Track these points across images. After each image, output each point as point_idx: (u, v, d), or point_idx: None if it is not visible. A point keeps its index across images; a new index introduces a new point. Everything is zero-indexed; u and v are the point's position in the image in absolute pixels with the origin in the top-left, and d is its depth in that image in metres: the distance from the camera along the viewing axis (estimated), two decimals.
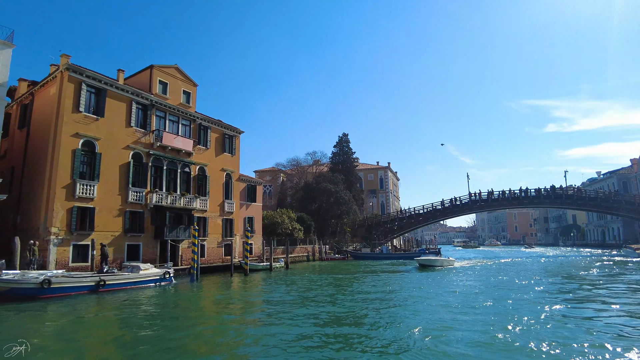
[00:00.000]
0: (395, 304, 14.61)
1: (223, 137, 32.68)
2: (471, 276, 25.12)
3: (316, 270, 31.65)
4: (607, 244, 76.03)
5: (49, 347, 9.05)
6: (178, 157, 28.25)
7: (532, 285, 19.78)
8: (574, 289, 18.25)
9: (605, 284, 19.87)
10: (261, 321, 12.28)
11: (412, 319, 11.66)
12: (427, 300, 15.07)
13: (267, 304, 15.96)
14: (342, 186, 54.84)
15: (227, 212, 31.94)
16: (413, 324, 10.93)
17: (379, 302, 15.10)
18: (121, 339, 9.98)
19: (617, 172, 76.92)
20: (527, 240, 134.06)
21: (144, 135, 26.25)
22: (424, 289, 18.65)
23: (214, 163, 31.39)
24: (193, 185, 29.36)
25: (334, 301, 15.37)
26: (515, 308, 13.02)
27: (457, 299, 15.20)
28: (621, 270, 27.15)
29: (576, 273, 26.15)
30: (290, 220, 38.92)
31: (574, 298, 15.42)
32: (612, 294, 16.27)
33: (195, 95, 30.65)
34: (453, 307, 13.42)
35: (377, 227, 59.71)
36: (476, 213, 60.26)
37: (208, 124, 31.29)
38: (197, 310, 14.29)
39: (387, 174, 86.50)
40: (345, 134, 61.93)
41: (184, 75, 29.82)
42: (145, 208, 25.64)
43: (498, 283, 21.12)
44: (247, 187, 34.82)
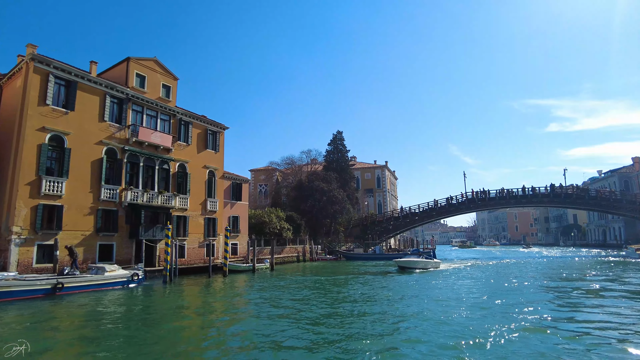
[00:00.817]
0: (347, 322, 12.73)
1: (206, 133, 31.53)
2: (454, 280, 23.54)
3: (302, 272, 30.49)
4: (608, 244, 74.63)
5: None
6: (156, 153, 27.13)
7: (517, 290, 18.17)
8: (563, 296, 16.52)
9: (600, 289, 18.58)
10: (218, 330, 11.13)
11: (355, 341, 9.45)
12: (386, 315, 12.53)
13: (232, 309, 14.83)
14: (335, 185, 53.62)
15: (210, 211, 30.79)
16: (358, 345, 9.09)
17: (333, 318, 13.84)
18: (44, 351, 8.83)
19: (619, 170, 75.44)
20: (527, 240, 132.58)
21: (118, 130, 25.13)
22: (393, 298, 16.23)
23: (195, 160, 30.26)
24: (172, 183, 28.24)
25: (295, 314, 14.20)
26: (485, 324, 10.84)
27: (421, 312, 12.85)
28: (619, 273, 25.85)
29: (570, 275, 24.88)
30: (278, 219, 37.75)
31: (560, 307, 14.09)
32: (605, 302, 14.86)
33: (176, 90, 29.52)
34: (409, 328, 10.70)
35: (372, 226, 58.53)
36: (472, 212, 58.88)
37: (189, 119, 30.15)
38: (152, 318, 13.14)
39: (384, 173, 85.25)
40: (340, 132, 60.66)
41: (163, 69, 28.69)
42: (120, 206, 24.52)
43: (481, 287, 19.59)
44: (232, 185, 33.68)
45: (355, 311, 13.30)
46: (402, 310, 13.40)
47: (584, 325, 10.55)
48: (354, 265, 35.86)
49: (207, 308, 15.09)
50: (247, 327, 11.30)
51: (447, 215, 59.61)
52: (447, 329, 10.22)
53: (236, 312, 14.25)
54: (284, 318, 12.33)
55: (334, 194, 51.25)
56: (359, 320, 11.85)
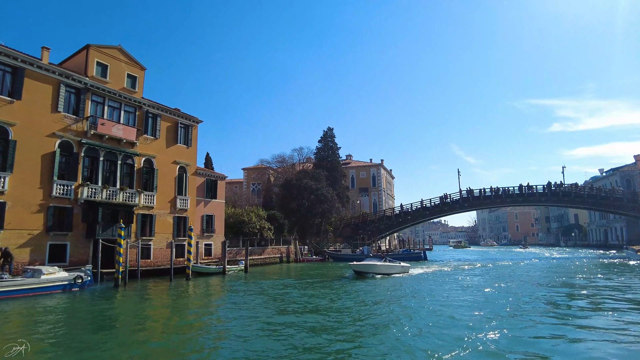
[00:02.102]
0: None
1: (176, 127, 29.77)
2: (418, 289, 18.99)
3: (278, 275, 28.67)
4: (610, 244, 72.41)
5: None
6: (118, 147, 25.40)
7: (490, 302, 14.42)
8: (546, 310, 13.00)
9: (596, 300, 16.61)
10: (135, 345, 9.33)
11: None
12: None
13: (166, 319, 13.05)
14: (324, 183, 51.82)
15: (180, 209, 29.03)
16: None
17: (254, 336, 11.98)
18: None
19: (620, 169, 73.19)
20: (528, 240, 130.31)
21: (75, 122, 23.41)
22: (323, 314, 12.73)
23: (164, 155, 28.50)
24: (137, 179, 26.49)
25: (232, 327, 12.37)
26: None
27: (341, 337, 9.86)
28: (618, 276, 23.85)
29: (563, 280, 22.91)
30: (259, 218, 35.92)
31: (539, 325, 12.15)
32: (599, 321, 11.58)
33: (143, 80, 27.79)
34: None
35: (363, 226, 56.57)
36: (468, 211, 56.93)
37: (157, 111, 28.40)
38: (73, 328, 11.32)
39: (379, 172, 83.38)
40: (331, 128, 58.75)
41: (128, 58, 26.96)
42: (75, 203, 22.80)
43: (439, 303, 14.53)
44: (206, 181, 31.91)
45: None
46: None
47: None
48: (337, 267, 34.02)
49: (139, 318, 13.30)
50: (164, 343, 9.53)
51: (441, 215, 57.67)
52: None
53: (167, 323, 12.46)
54: (202, 333, 10.53)
55: (322, 192, 49.46)
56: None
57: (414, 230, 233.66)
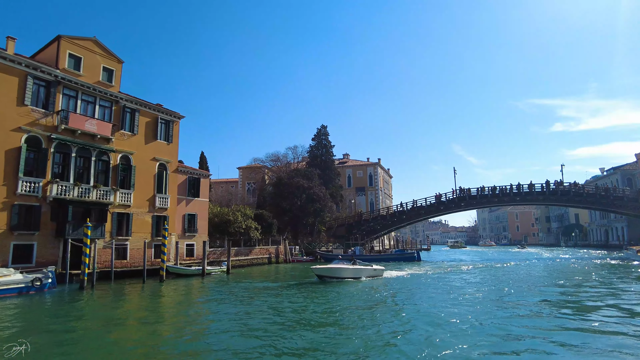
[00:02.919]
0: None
1: (156, 122, 28.66)
2: (378, 299, 16.32)
3: (262, 277, 27.46)
4: (611, 244, 70.99)
5: None
6: (92, 143, 24.31)
7: (461, 317, 11.66)
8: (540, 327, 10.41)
9: (591, 306, 15.37)
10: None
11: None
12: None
13: (108, 331, 11.92)
14: (317, 182, 50.69)
15: (160, 208, 27.92)
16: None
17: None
18: None
19: (621, 167, 71.76)
20: (529, 240, 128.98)
21: (44, 117, 22.32)
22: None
23: (142, 151, 27.39)
24: (113, 176, 25.39)
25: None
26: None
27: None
28: (615, 281, 22.59)
29: (555, 284, 21.65)
30: (245, 218, 34.76)
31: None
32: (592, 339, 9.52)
33: (120, 74, 26.68)
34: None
35: (358, 226, 55.40)
36: (464, 211, 55.74)
37: (136, 106, 27.30)
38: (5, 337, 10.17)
39: (376, 171, 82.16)
40: (324, 126, 57.67)
41: (104, 50, 25.85)
42: (44, 201, 21.72)
43: (401, 319, 11.89)
44: (187, 179, 30.79)
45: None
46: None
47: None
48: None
49: (82, 326, 12.17)
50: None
51: (437, 214, 56.47)
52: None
53: (104, 334, 11.33)
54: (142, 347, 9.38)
55: (314, 191, 48.34)
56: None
57: (414, 230, 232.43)
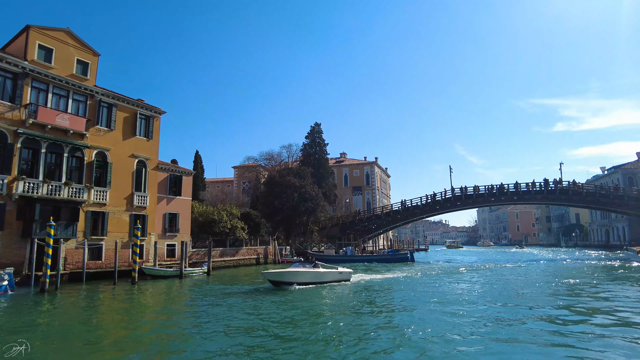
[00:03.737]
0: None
1: (135, 118, 27.55)
2: (324, 309, 14.21)
3: (245, 279, 26.34)
4: (611, 245, 69.66)
5: None
6: (64, 138, 23.20)
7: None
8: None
9: (584, 314, 14.10)
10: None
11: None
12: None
13: (53, 338, 10.80)
14: (309, 180, 49.53)
15: (138, 207, 26.83)
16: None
17: None
18: None
19: (622, 166, 70.43)
20: (529, 240, 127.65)
21: (10, 110, 21.21)
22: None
23: (120, 148, 26.30)
24: (87, 174, 24.28)
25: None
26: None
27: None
28: (611, 285, 21.34)
29: (549, 293, 20.36)
30: (230, 217, 33.62)
31: None
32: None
33: (96, 67, 25.60)
34: None
35: (352, 226, 54.21)
36: (462, 210, 54.63)
37: (113, 100, 26.19)
38: None
39: (373, 170, 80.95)
40: (318, 124, 56.38)
41: (78, 42, 24.74)
42: (9, 199, 20.63)
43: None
44: (169, 177, 29.66)
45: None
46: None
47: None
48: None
49: (24, 333, 11.06)
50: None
51: (433, 214, 55.23)
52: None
53: (47, 342, 10.22)
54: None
55: (306, 189, 47.17)
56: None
57: (415, 230, 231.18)
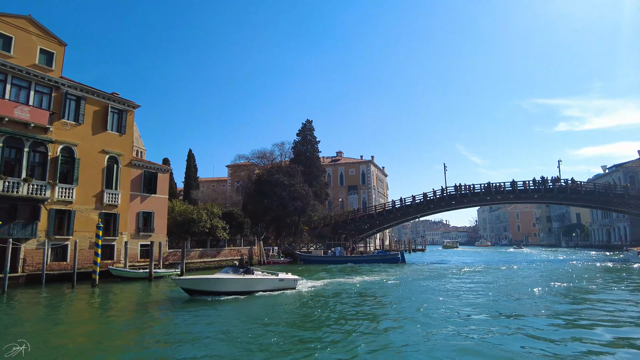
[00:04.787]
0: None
1: (106, 112, 26.16)
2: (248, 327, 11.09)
3: None
4: (612, 245, 68.01)
5: None
6: (25, 132, 21.84)
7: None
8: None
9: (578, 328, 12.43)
10: None
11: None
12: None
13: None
14: (299, 179, 48.08)
15: (109, 205, 25.47)
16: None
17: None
18: None
19: (624, 165, 68.70)
20: (529, 240, 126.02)
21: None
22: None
23: (89, 143, 24.92)
24: (52, 170, 22.91)
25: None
26: None
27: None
28: (612, 290, 19.80)
29: (542, 303, 18.78)
30: (210, 216, 32.20)
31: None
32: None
33: (62, 57, 24.26)
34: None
35: (344, 225, 52.75)
36: (457, 209, 53.20)
37: (81, 93, 24.82)
38: None
39: (369, 169, 79.44)
40: (310, 121, 54.85)
41: (42, 30, 23.40)
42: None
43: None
44: (143, 174, 28.30)
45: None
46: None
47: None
48: (294, 271, 30.16)
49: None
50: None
51: (427, 213, 53.81)
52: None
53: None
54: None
55: (295, 188, 45.73)
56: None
57: (415, 230, 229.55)
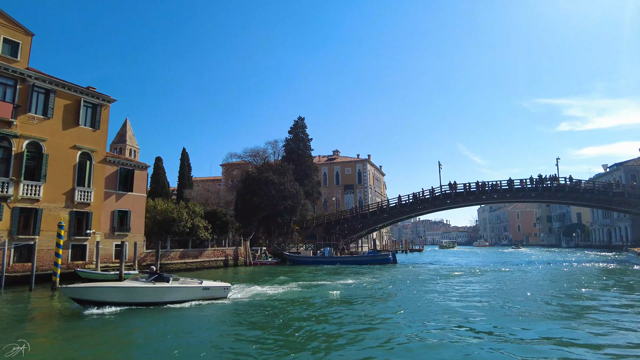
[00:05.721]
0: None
1: (78, 106, 24.96)
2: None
3: None
4: (614, 245, 66.57)
5: None
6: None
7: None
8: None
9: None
10: None
11: None
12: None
13: None
14: (290, 177, 46.84)
15: (80, 203, 24.29)
16: None
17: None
18: None
19: (625, 164, 67.31)
20: (530, 240, 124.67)
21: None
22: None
23: (59, 138, 23.74)
24: (16, 166, 21.72)
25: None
26: None
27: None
28: (610, 296, 18.45)
29: (531, 313, 17.45)
30: (191, 215, 30.97)
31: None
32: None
33: (29, 48, 23.12)
34: None
35: (336, 225, 51.40)
36: (453, 208, 51.91)
37: (50, 86, 23.64)
38: None
39: (365, 168, 78.12)
40: (302, 118, 53.58)
41: (6, 19, 22.20)
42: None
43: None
44: (119, 171, 27.09)
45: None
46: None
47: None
48: (275, 272, 28.99)
49: None
50: None
51: (421, 212, 52.51)
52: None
53: None
54: None
55: (285, 187, 44.47)
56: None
57: (415, 230, 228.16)
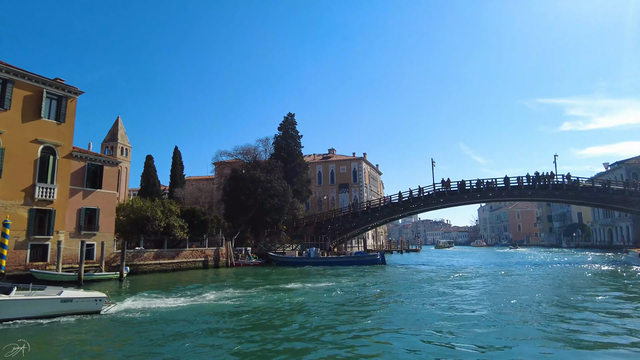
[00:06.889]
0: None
1: (40, 98, 23.52)
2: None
3: (164, 286, 22.25)
4: (615, 245, 64.72)
5: None
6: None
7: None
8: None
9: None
10: None
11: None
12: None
13: None
14: (278, 175, 45.40)
15: (42, 200, 22.87)
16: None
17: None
18: None
19: (626, 162, 65.46)
20: (530, 240, 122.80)
21: None
22: None
23: (17, 131, 22.31)
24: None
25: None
26: None
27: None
28: (609, 303, 16.83)
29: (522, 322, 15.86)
30: (166, 214, 29.49)
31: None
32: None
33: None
34: None
35: (327, 224, 49.87)
36: (448, 207, 50.38)
37: (7, 75, 22.18)
38: None
39: (361, 166, 76.60)
40: (292, 114, 52.05)
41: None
42: None
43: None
44: (87, 167, 25.65)
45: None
46: None
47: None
48: (242, 275, 27.47)
49: None
50: None
51: (416, 211, 51.22)
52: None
53: None
54: None
55: (272, 185, 43.03)
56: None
57: (415, 230, 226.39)
